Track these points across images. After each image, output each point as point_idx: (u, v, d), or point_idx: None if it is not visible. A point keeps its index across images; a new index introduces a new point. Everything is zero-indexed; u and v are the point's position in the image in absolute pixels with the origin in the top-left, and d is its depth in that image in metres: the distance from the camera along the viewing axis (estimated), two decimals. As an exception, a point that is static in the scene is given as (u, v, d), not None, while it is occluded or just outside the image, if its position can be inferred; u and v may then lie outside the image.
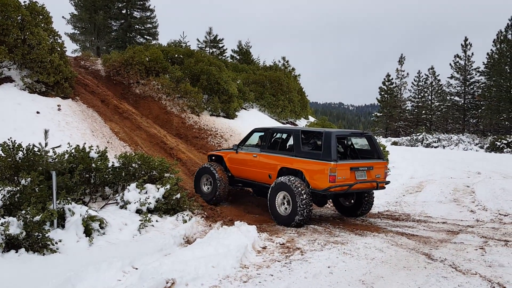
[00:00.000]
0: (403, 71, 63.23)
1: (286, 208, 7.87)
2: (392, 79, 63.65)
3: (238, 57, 40.79)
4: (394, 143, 41.64)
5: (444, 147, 36.66)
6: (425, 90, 61.38)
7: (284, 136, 9.34)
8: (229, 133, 15.18)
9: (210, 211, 8.62)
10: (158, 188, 7.81)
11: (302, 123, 22.84)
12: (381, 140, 41.79)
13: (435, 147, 37.25)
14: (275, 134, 9.19)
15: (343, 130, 8.83)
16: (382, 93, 63.82)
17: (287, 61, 38.14)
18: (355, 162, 8.04)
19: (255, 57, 41.71)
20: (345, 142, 8.97)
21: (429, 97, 61.05)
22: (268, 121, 18.93)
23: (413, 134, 44.90)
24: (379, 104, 65.62)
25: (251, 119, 17.78)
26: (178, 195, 7.88)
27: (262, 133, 9.32)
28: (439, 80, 60.00)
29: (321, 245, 6.36)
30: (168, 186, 7.86)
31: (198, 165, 11.59)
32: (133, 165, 8.10)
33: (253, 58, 40.77)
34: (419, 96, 61.85)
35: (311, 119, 26.19)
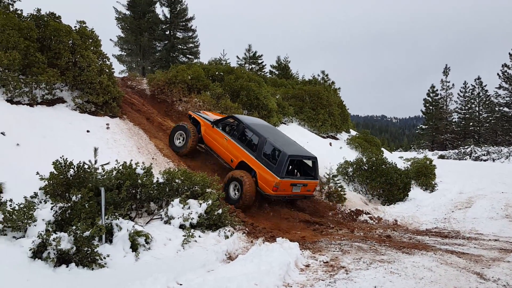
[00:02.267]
0: (448, 82, 61.26)
1: (235, 194, 9.87)
2: (437, 90, 61.72)
3: (277, 72, 41.04)
4: (441, 157, 40.10)
5: (494, 160, 34.91)
6: (472, 101, 59.00)
7: (253, 135, 10.56)
8: (269, 148, 15.20)
9: (251, 227, 8.62)
10: (201, 204, 7.92)
11: (343, 137, 22.49)
12: (427, 153, 40.40)
13: (485, 161, 35.54)
14: (245, 130, 10.69)
15: (299, 154, 10.36)
16: (427, 104, 61.92)
17: (327, 75, 37.92)
18: (295, 180, 10.09)
19: (294, 72, 41.82)
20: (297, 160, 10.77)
21: (477, 108, 58.60)
22: (308, 135, 18.80)
23: (460, 147, 43.11)
24: (424, 116, 63.65)
25: (291, 133, 17.72)
26: (220, 211, 7.95)
27: (237, 123, 10.92)
28: (486, 91, 57.59)
29: (367, 264, 6.18)
30: (210, 202, 7.96)
31: (240, 180, 11.66)
32: (177, 180, 8.27)
33: (292, 73, 40.88)
34: (466, 108, 59.50)
35: (353, 132, 25.75)
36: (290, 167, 10.66)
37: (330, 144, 19.10)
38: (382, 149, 22.86)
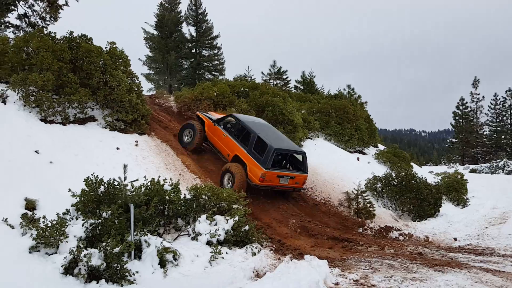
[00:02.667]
0: (478, 94, 59.61)
1: (228, 184, 10.99)
2: (466, 103, 60.17)
3: (302, 87, 41.09)
4: (473, 171, 38.81)
5: (528, 174, 33.53)
6: (504, 113, 57.21)
7: (246, 132, 11.62)
8: (295, 163, 15.12)
9: (278, 244, 8.53)
10: (227, 220, 7.92)
11: (371, 152, 22.14)
12: (458, 167, 39.24)
13: (519, 174, 34.18)
14: (241, 127, 11.82)
15: (286, 148, 11.29)
16: (457, 118, 60.38)
17: (353, 89, 37.67)
18: (281, 172, 11.08)
19: (319, 86, 41.77)
20: (287, 155, 11.93)
21: (509, 121, 56.69)
22: (335, 150, 18.62)
23: (492, 161, 41.64)
24: (453, 129, 62.01)
25: (317, 148, 17.60)
26: (247, 227, 7.92)
27: (235, 121, 12.14)
28: (518, 102, 55.68)
29: (398, 282, 6.00)
30: (236, 218, 7.95)
31: (265, 196, 11.62)
32: (203, 196, 8.32)
33: (317, 88, 40.82)
34: (498, 120, 57.71)
35: (381, 147, 25.33)
36: (279, 160, 11.93)
37: (358, 159, 18.83)
38: (411, 163, 22.35)
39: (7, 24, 23.26)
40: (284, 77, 44.08)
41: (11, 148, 8.14)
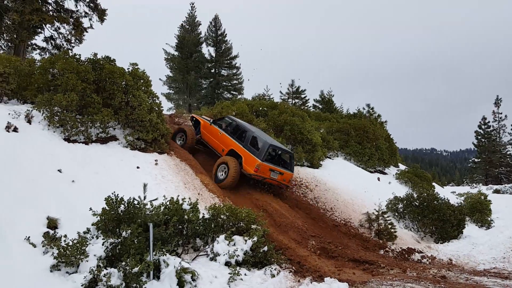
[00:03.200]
0: (501, 113, 58.33)
1: (222, 175, 12.16)
2: (488, 122, 58.90)
3: (320, 106, 41.06)
4: (496, 191, 37.72)
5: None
6: (528, 132, 55.68)
7: (242, 131, 12.96)
8: (314, 182, 15.00)
9: (298, 265, 8.39)
10: (246, 240, 7.85)
11: (392, 171, 21.82)
12: (481, 188, 38.22)
13: (546, 195, 33.02)
14: (237, 126, 13.14)
15: (277, 145, 12.85)
16: (479, 137, 59.10)
17: (372, 108, 37.41)
18: (273, 166, 12.37)
19: (338, 105, 41.67)
20: (278, 152, 13.54)
21: (533, 140, 55.16)
22: (355, 170, 18.41)
23: (517, 181, 40.39)
24: (476, 149, 60.62)
25: (337, 168, 17.45)
26: (266, 248, 7.83)
27: (231, 122, 13.58)
28: (543, 121, 54.25)
29: (422, 308, 5.80)
30: (255, 238, 7.87)
31: (285, 216, 11.51)
32: (222, 216, 8.29)
33: (335, 107, 40.72)
34: (521, 139, 56.16)
35: (401, 166, 24.94)
36: (271, 156, 13.29)
37: (378, 179, 18.57)
38: (433, 183, 21.92)
39: (34, 46, 24.14)
40: (303, 96, 44.18)
41: (35, 167, 8.31)
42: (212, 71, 41.82)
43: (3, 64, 11.19)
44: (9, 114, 9.77)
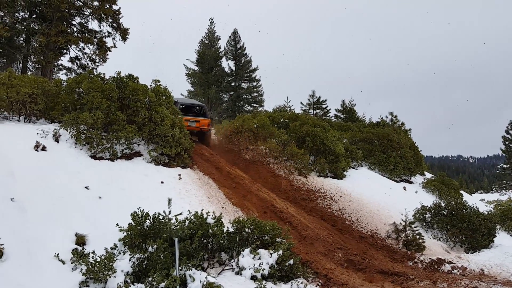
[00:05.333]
0: (528, 116, 56.58)
1: None
2: (516, 126, 57.13)
3: (342, 116, 40.74)
4: (529, 198, 36.41)
5: None
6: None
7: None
8: (338, 194, 14.81)
9: (325, 279, 8.26)
10: (271, 254, 7.79)
11: (418, 180, 21.36)
12: (511, 194, 36.97)
13: None
14: (175, 103, 15.23)
15: (189, 102, 18.06)
16: (507, 142, 57.34)
17: (395, 116, 36.81)
18: (188, 117, 15.61)
19: (360, 115, 41.25)
20: (191, 107, 17.43)
21: None
22: (380, 180, 18.11)
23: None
24: (504, 154, 58.79)
25: (361, 178, 17.20)
26: (291, 261, 7.75)
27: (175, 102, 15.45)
28: None
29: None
30: (280, 252, 7.80)
31: (309, 228, 11.39)
32: (246, 230, 8.26)
33: (358, 116, 40.33)
34: (550, 143, 54.24)
35: (428, 175, 24.39)
36: (184, 110, 16.32)
37: (404, 188, 18.21)
38: (461, 191, 21.34)
39: (60, 66, 24.94)
40: (324, 106, 43.95)
41: (63, 184, 8.52)
42: (233, 84, 42.21)
43: (31, 85, 11.60)
44: (37, 133, 10.08)
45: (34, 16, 23.68)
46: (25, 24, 22.88)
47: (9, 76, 11.66)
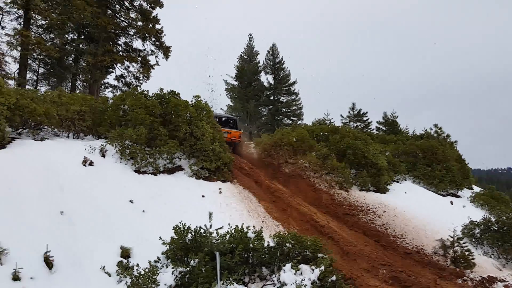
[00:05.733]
0: None
1: None
2: None
3: (384, 128, 39.87)
4: None
5: None
6: None
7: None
8: (381, 208, 14.40)
9: (369, 296, 7.99)
10: (313, 270, 7.63)
11: (465, 194, 20.42)
12: None
13: None
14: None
15: (223, 115, 19.75)
16: None
17: (440, 128, 35.50)
18: (223, 128, 15.66)
19: (403, 127, 40.18)
20: (223, 120, 18.59)
21: None
22: (425, 193, 17.47)
23: None
24: (561, 166, 55.20)
25: (405, 192, 16.66)
26: (334, 277, 7.55)
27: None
28: None
29: None
30: (322, 267, 7.63)
31: (352, 244, 11.11)
32: (287, 244, 8.15)
33: (400, 128, 39.31)
34: None
35: (476, 188, 23.26)
36: (220, 123, 16.64)
37: (451, 202, 17.46)
38: (513, 206, 20.12)
39: (107, 84, 26.09)
40: (365, 118, 43.22)
41: (109, 198, 8.81)
42: (271, 98, 42.45)
43: (80, 103, 12.17)
44: (85, 149, 10.53)
45: (82, 37, 25.02)
46: (74, 45, 24.21)
47: (59, 94, 12.30)
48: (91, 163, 9.90)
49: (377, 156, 16.82)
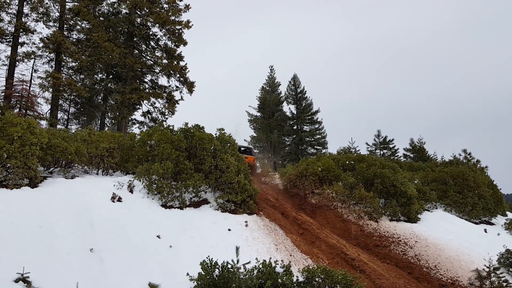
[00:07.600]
0: None
1: None
2: None
3: (411, 155, 39.12)
4: None
5: None
6: None
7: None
8: (413, 239, 13.92)
9: (405, 333, 7.63)
10: (344, 305, 7.40)
11: (499, 221, 19.59)
12: None
13: None
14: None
15: (242, 146, 22.19)
16: None
17: (469, 153, 34.65)
18: (241, 155, 14.74)
19: (431, 153, 39.34)
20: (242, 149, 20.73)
21: None
22: (457, 222, 16.85)
23: None
24: None
25: (437, 221, 16.11)
26: (367, 313, 7.29)
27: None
28: None
29: None
30: (354, 302, 7.40)
31: (384, 277, 10.74)
32: (317, 279, 7.96)
33: (428, 154, 38.50)
34: None
35: (510, 215, 22.30)
36: (240, 151, 17.51)
37: (485, 230, 16.75)
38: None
39: (134, 120, 26.81)
40: (391, 146, 42.57)
41: (137, 233, 8.89)
42: (294, 127, 42.52)
43: (109, 140, 12.51)
44: (114, 185, 10.74)
45: (111, 76, 26.01)
46: (103, 84, 25.19)
47: (89, 133, 12.71)
48: (119, 199, 10.07)
49: (406, 184, 16.43)
